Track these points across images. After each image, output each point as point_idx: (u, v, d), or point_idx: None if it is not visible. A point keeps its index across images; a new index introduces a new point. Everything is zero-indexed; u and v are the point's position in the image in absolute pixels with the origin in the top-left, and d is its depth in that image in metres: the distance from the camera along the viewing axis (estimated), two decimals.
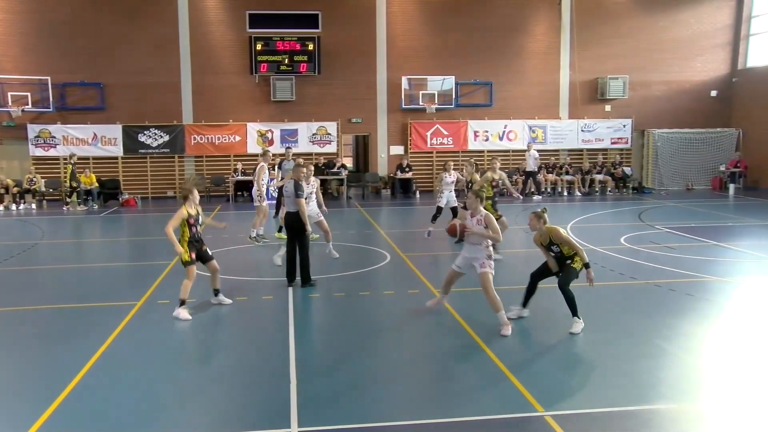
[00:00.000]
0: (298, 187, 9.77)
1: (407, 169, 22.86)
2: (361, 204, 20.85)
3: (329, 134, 23.36)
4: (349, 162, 26.66)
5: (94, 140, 22.52)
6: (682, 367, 6.72)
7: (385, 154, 23.90)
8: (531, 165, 22.07)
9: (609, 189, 23.14)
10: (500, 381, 6.26)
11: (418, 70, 23.34)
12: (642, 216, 17.26)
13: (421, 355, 7.30)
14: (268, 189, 14.70)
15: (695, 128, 24.52)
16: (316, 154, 23.14)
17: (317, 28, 22.92)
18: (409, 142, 23.69)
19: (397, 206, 20.93)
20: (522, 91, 23.96)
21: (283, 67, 22.71)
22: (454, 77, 23.31)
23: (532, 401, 5.72)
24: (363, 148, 25.34)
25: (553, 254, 7.93)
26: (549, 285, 9.95)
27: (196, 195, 8.63)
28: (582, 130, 24.28)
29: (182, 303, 8.53)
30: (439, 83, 23.33)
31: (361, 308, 9.10)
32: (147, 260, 12.84)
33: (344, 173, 22.72)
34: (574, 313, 7.78)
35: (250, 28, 22.77)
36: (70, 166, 21.18)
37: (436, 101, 23.12)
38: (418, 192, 23.14)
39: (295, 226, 9.80)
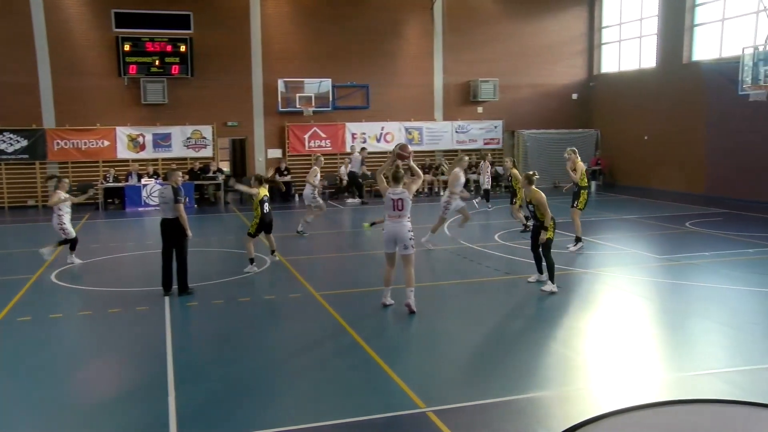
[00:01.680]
0: (176, 193, 9.58)
1: (286, 173, 22.66)
2: (239, 209, 20.44)
3: (204, 138, 22.71)
4: (225, 166, 26.04)
5: None
6: (552, 356, 7.11)
7: (263, 157, 23.57)
8: (356, 167, 21.57)
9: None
10: (383, 380, 6.34)
11: (295, 73, 23.20)
12: (514, 213, 18.03)
13: (303, 358, 7.25)
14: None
15: (560, 129, 26.03)
16: (192, 158, 22.44)
17: (189, 29, 22.20)
18: (286, 145, 23.49)
19: (276, 210, 20.64)
20: (398, 93, 24.43)
21: (153, 69, 21.81)
22: (330, 80, 23.37)
23: (414, 398, 5.83)
24: (240, 152, 24.84)
25: (529, 211, 9.86)
26: (440, 283, 10.21)
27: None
28: (456, 131, 25.11)
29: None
30: (316, 86, 23.31)
31: (242, 315, 8.92)
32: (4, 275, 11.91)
33: (221, 177, 22.17)
34: (551, 279, 9.36)
35: (116, 27, 21.66)
36: None
37: (314, 104, 23.07)
38: (297, 195, 23.00)
39: (171, 232, 9.58)
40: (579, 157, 13.63)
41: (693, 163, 21.49)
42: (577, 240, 12.54)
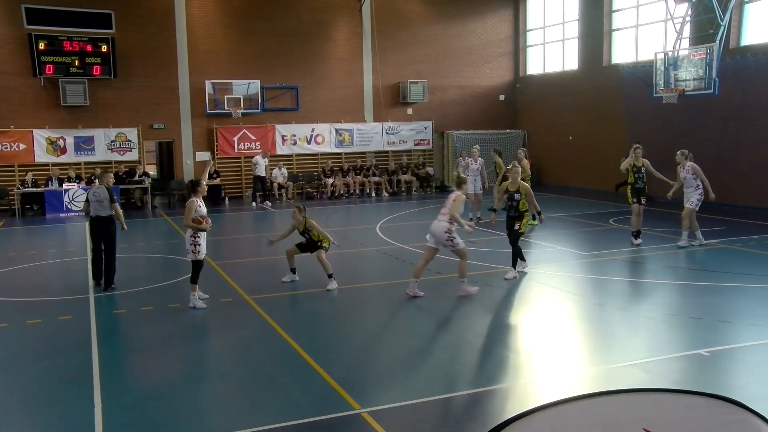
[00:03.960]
0: (111, 193, 10.32)
1: (215, 176, 22.24)
2: (167, 213, 19.93)
3: (129, 141, 22.01)
4: (152, 170, 25.35)
5: None
6: (484, 353, 7.25)
7: (191, 160, 23.05)
8: (260, 170, 21.52)
9: (414, 189, 24.27)
10: (317, 382, 6.32)
11: (222, 74, 22.80)
12: None
13: (237, 363, 7.14)
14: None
15: (488, 129, 26.54)
16: (116, 162, 21.69)
17: (110, 28, 21.43)
18: (215, 148, 23.06)
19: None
20: (327, 95, 24.37)
21: (73, 69, 20.95)
22: (259, 81, 23.08)
23: (349, 400, 5.84)
24: (167, 155, 24.22)
25: (513, 202, 10.34)
26: (373, 284, 10.26)
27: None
28: (387, 133, 25.24)
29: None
30: (245, 87, 22.98)
31: (172, 321, 8.69)
32: None
33: (147, 181, 21.55)
34: (514, 264, 10.24)
35: (28, 24, 20.61)
36: None
37: (242, 106, 22.74)
38: (227, 198, 22.61)
39: (103, 230, 10.25)
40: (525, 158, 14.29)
41: (615, 162, 22.23)
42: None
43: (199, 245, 9.06)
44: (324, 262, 9.85)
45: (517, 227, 10.31)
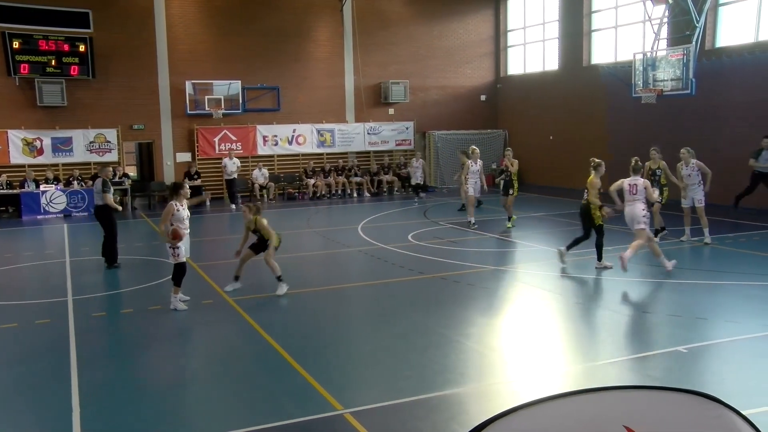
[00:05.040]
0: (105, 184, 11.65)
1: (196, 177, 22.08)
2: (148, 214, 19.75)
3: (109, 142, 21.79)
4: (132, 171, 25.13)
5: None
6: (465, 353, 7.27)
7: (172, 161, 22.88)
8: (230, 173, 21.32)
9: (396, 189, 24.28)
10: (299, 384, 6.30)
11: (203, 75, 22.66)
12: (427, 213, 18.37)
13: (219, 365, 7.09)
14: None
15: (470, 129, 26.63)
16: (95, 163, 21.43)
17: (88, 27, 21.16)
18: (196, 149, 22.91)
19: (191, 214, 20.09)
20: (309, 95, 24.31)
21: (50, 69, 20.67)
22: (240, 82, 22.96)
23: (331, 401, 5.82)
24: (147, 156, 24.02)
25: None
26: (353, 284, 10.25)
27: None
28: (368, 133, 25.23)
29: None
30: (225, 88, 22.85)
31: (153, 324, 8.61)
32: None
33: (127, 183, 21.34)
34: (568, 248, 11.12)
35: (1, 22, 20.24)
36: None
37: (223, 106, 22.61)
38: (208, 199, 22.47)
39: (100, 216, 11.90)
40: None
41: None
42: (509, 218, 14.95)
43: (179, 248, 8.95)
44: (271, 264, 9.59)
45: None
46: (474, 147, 16.14)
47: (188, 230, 9.18)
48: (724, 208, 16.25)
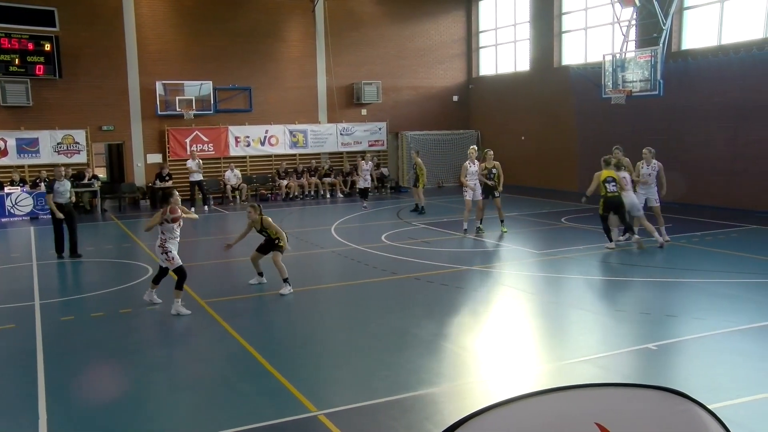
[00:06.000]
0: (48, 185, 12.24)
1: (167, 178, 21.85)
2: (118, 216, 19.49)
3: (77, 143, 21.43)
4: (102, 172, 24.76)
5: None
6: (439, 353, 7.30)
7: (142, 162, 22.60)
8: (196, 175, 21.11)
9: (370, 190, 24.23)
10: (273, 385, 6.27)
11: (174, 75, 22.41)
12: (400, 214, 18.40)
13: (192, 368, 7.02)
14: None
15: (442, 130, 26.74)
16: (64, 164, 20.94)
17: (54, 26, 20.76)
18: (167, 150, 22.65)
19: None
20: (281, 96, 24.19)
21: (13, 68, 20.21)
22: (211, 82, 22.76)
23: (306, 402, 5.81)
24: (117, 157, 23.68)
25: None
26: (326, 285, 10.25)
27: None
28: (341, 134, 25.19)
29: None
30: (197, 88, 22.63)
31: (124, 327, 8.50)
32: None
33: (97, 184, 21.02)
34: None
35: None
36: None
37: (194, 107, 22.39)
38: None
39: (66, 212, 12.55)
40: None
41: (566, 162, 22.75)
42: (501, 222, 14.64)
43: (170, 251, 8.82)
44: (279, 265, 9.70)
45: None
46: (474, 147, 16.07)
47: (178, 238, 9.05)
48: (689, 207, 16.55)
